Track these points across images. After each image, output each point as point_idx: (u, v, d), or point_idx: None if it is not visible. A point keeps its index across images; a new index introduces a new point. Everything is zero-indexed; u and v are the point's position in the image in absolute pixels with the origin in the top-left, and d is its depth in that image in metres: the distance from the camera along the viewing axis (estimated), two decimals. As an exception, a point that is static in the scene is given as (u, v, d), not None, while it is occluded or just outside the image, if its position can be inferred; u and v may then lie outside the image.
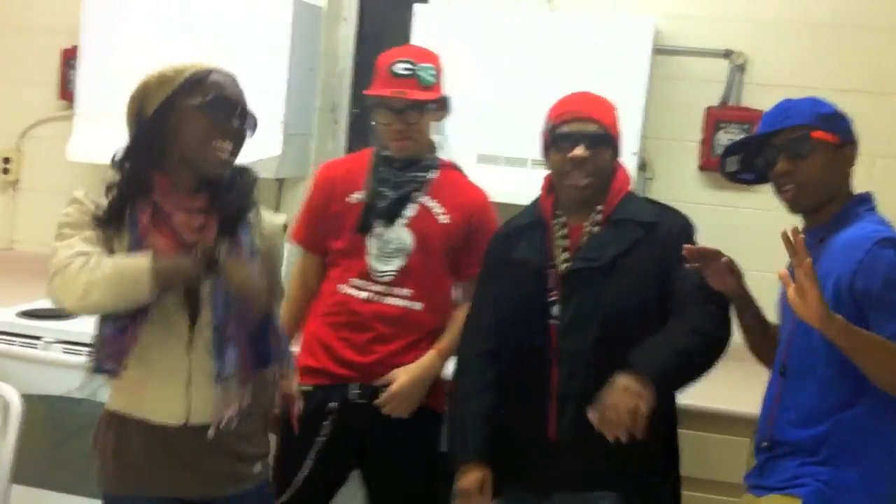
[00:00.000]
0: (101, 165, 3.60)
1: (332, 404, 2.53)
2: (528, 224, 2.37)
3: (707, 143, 3.36)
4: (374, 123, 2.61)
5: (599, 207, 2.27)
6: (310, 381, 2.56)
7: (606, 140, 2.25)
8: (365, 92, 2.58)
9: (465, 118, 3.20)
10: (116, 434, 2.08)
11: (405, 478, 2.61)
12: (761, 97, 3.31)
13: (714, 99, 3.35)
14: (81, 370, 2.93)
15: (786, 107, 2.13)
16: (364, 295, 2.55)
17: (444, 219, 2.58)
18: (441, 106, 2.62)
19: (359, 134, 3.77)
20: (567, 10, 3.43)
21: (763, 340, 2.30)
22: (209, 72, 2.04)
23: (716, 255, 2.17)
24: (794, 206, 2.13)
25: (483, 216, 2.64)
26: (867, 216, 2.07)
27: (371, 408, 2.53)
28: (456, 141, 3.22)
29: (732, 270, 2.19)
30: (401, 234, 2.55)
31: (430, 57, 2.58)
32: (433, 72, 2.56)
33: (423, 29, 3.27)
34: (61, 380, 3.03)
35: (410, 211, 2.57)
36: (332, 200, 2.62)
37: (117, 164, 2.04)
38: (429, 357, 2.58)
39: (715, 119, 3.34)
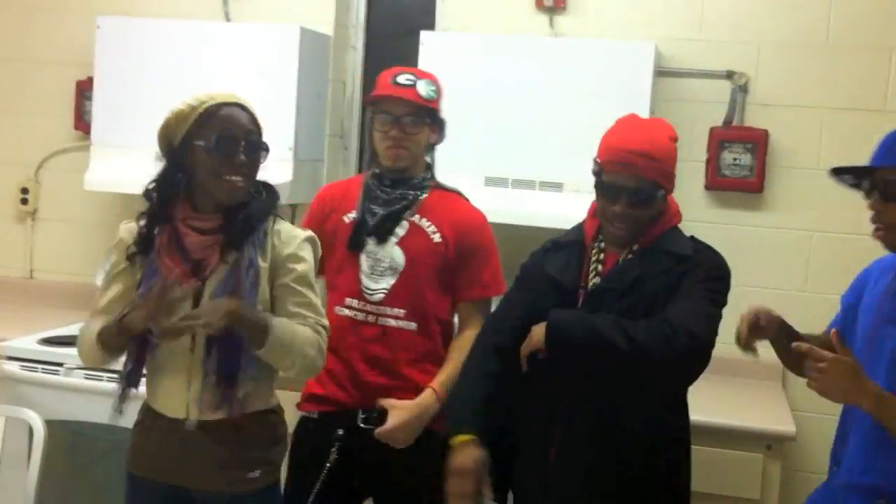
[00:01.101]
0: (118, 194, 3.73)
1: (339, 431, 2.53)
2: (569, 243, 2.35)
3: (712, 162, 3.40)
4: (368, 137, 2.67)
5: (637, 244, 2.24)
6: (315, 408, 2.59)
7: (648, 194, 2.18)
8: (366, 98, 2.64)
9: (473, 141, 3.27)
10: (143, 422, 2.30)
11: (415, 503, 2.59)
12: (764, 117, 3.38)
13: (717, 119, 3.40)
14: (103, 395, 3.00)
15: (893, 143, 2.05)
16: (359, 316, 2.56)
17: (436, 238, 2.58)
18: (437, 125, 2.64)
19: (370, 160, 3.83)
20: (570, 35, 3.49)
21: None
22: (219, 106, 2.18)
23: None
24: (884, 244, 2.07)
25: (478, 237, 2.63)
26: None
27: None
28: (464, 164, 3.28)
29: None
30: (392, 253, 2.56)
31: (430, 75, 2.64)
32: (434, 87, 2.61)
33: (430, 55, 3.33)
34: (83, 405, 3.11)
35: (402, 230, 2.58)
36: (328, 219, 2.64)
37: (147, 195, 2.24)
38: (426, 396, 2.54)
39: (719, 139, 3.39)
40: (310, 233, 2.32)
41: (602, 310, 2.17)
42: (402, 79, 2.57)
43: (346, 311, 2.58)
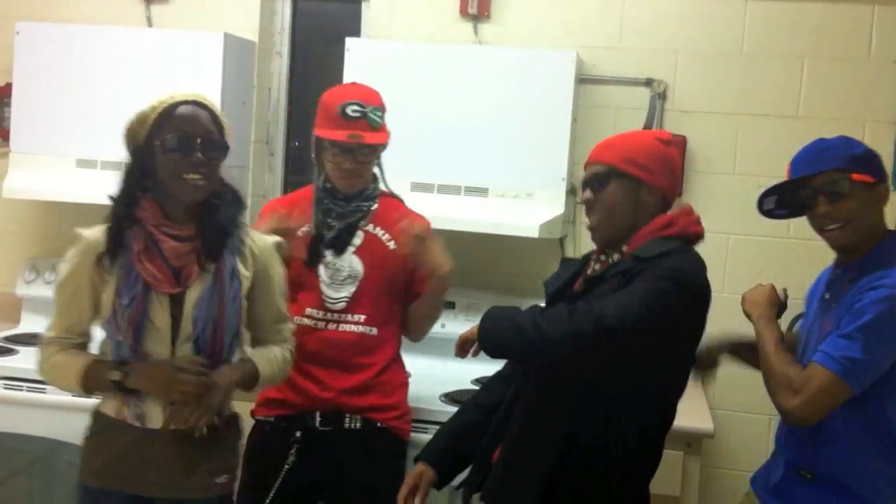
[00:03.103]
0: (37, 202, 3.66)
1: (297, 433, 2.58)
2: (577, 259, 2.35)
3: (632, 167, 3.47)
4: (314, 156, 2.67)
5: (625, 247, 2.17)
6: (272, 412, 2.63)
7: (605, 177, 2.16)
8: (317, 133, 2.62)
9: (399, 147, 3.27)
10: (106, 434, 2.24)
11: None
12: (682, 123, 3.46)
13: (637, 125, 3.46)
14: (22, 405, 2.94)
15: (821, 148, 2.19)
16: (320, 325, 2.62)
17: (392, 245, 2.67)
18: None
19: (296, 166, 3.84)
20: (494, 43, 3.54)
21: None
22: (176, 105, 2.18)
23: None
24: (836, 244, 2.20)
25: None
26: None
27: (335, 435, 2.60)
28: (390, 169, 3.29)
29: None
30: (352, 262, 2.63)
31: (376, 98, 2.65)
32: (380, 113, 2.64)
33: (355, 62, 3.35)
34: (3, 416, 3.04)
35: (358, 239, 2.65)
36: (279, 234, 2.63)
37: (112, 197, 2.22)
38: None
39: (639, 144, 3.46)
40: (279, 239, 2.39)
41: None
42: (351, 110, 2.57)
43: (307, 321, 2.63)
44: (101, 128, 3.43)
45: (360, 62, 3.35)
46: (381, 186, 2.76)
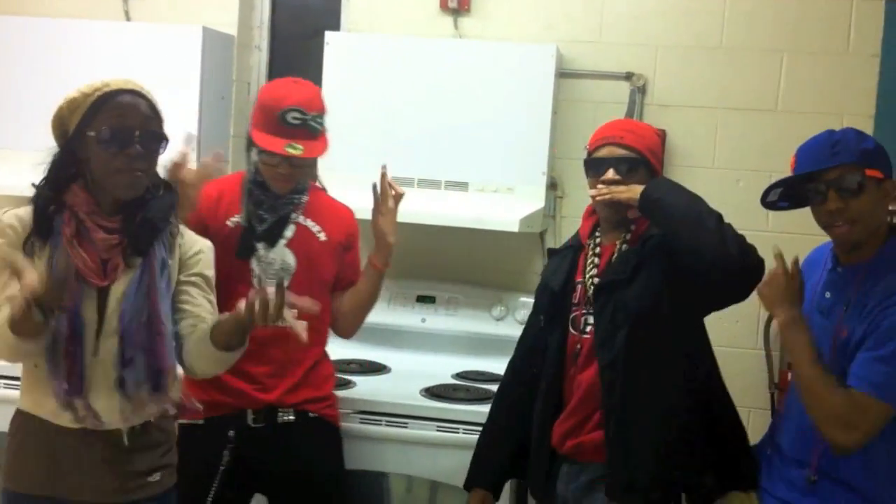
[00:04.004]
0: (14, 197, 3.62)
1: (231, 433, 2.53)
2: (566, 248, 2.47)
3: (612, 161, 3.48)
4: (246, 149, 2.60)
5: (633, 227, 2.32)
6: (199, 416, 2.48)
7: (637, 163, 2.30)
8: (253, 136, 2.52)
9: (378, 141, 3.29)
10: (23, 433, 2.12)
11: (312, 496, 2.63)
12: (662, 117, 3.46)
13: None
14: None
15: (833, 141, 2.10)
16: None
17: (322, 237, 2.63)
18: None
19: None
20: (474, 37, 3.53)
21: None
22: (113, 94, 2.06)
23: None
24: (845, 241, 2.12)
25: (353, 230, 2.73)
26: None
27: (269, 431, 2.55)
28: (370, 164, 3.28)
29: None
30: (284, 255, 2.57)
31: (317, 103, 2.54)
32: (321, 119, 2.54)
33: (335, 55, 3.34)
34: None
35: (289, 231, 2.59)
36: (208, 221, 2.56)
37: (39, 184, 2.12)
38: None
39: (619, 138, 3.47)
40: (210, 243, 2.30)
41: (613, 300, 2.25)
42: (291, 117, 2.47)
43: None
44: (79, 122, 3.43)
45: (339, 56, 3.34)
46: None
